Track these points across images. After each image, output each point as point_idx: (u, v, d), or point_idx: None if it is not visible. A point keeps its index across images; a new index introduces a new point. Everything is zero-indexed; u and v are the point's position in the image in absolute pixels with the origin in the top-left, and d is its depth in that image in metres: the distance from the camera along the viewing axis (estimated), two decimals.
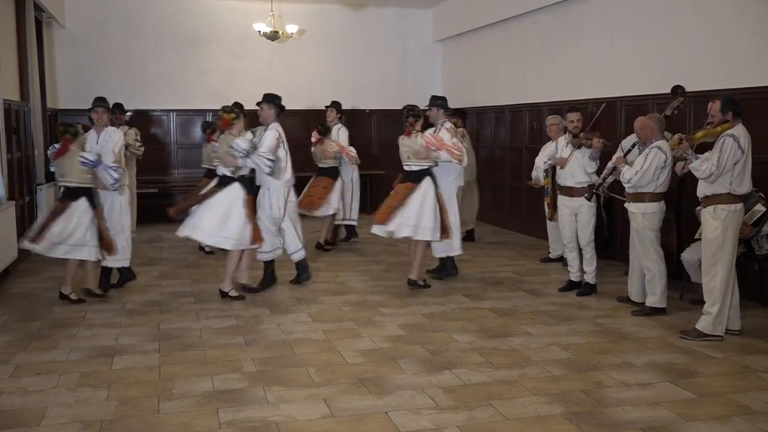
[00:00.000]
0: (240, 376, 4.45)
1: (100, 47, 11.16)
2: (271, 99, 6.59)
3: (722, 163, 4.92)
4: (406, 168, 6.76)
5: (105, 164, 6.08)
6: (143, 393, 4.16)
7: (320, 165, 8.64)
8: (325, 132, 8.63)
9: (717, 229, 5.05)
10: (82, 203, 6.05)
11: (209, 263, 8.02)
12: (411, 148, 6.64)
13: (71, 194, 6.06)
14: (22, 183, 8.30)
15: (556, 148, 6.63)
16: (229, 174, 6.28)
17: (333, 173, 8.59)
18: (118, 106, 8.54)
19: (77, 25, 11.04)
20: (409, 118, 6.68)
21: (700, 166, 5.00)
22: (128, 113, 9.10)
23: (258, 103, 6.62)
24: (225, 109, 6.36)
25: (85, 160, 6.02)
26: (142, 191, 10.03)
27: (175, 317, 5.81)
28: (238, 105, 6.66)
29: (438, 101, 6.96)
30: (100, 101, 6.43)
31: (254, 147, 6.22)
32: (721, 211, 5.05)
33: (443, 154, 6.63)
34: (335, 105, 8.87)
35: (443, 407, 3.96)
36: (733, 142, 4.90)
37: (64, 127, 6.07)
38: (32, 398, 4.07)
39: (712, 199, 5.09)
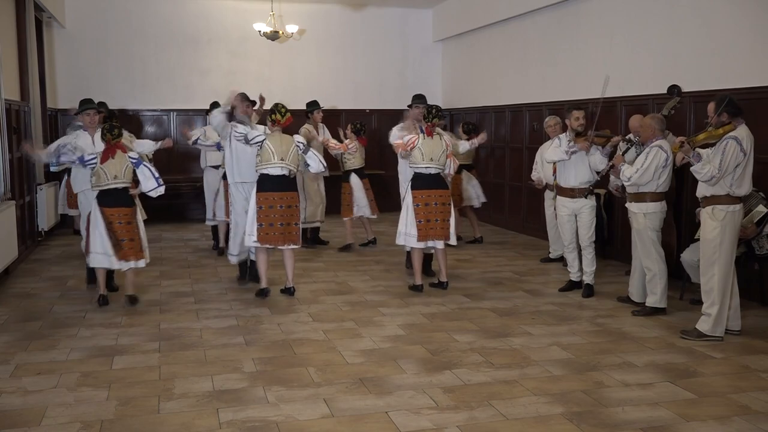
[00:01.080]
0: (240, 376, 4.45)
1: (100, 47, 11.16)
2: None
3: (724, 166, 4.91)
4: (423, 171, 6.44)
5: (145, 163, 6.05)
6: (143, 393, 4.16)
7: (360, 167, 8.64)
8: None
9: (715, 230, 5.05)
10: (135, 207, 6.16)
11: (209, 263, 8.03)
12: (433, 149, 6.43)
13: (120, 195, 5.98)
14: (22, 183, 8.30)
15: (559, 143, 6.48)
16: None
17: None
18: (103, 105, 8.61)
19: (77, 25, 11.05)
20: (435, 119, 6.46)
21: (702, 168, 4.98)
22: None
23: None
24: (283, 107, 6.29)
25: (133, 159, 6.00)
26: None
27: (175, 317, 5.81)
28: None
29: (423, 101, 6.86)
30: (88, 103, 6.38)
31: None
32: (719, 212, 5.04)
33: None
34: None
35: (443, 407, 3.96)
36: (736, 145, 4.89)
37: (119, 131, 5.95)
38: (32, 398, 4.07)
39: (711, 200, 5.08)
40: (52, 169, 7.22)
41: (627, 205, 5.92)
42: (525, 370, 4.57)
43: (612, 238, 7.97)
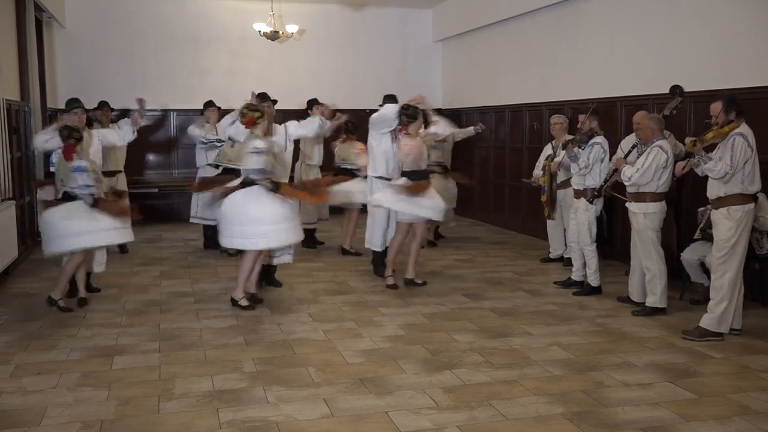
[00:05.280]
0: (240, 376, 4.45)
1: (100, 47, 11.16)
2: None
3: (735, 162, 4.94)
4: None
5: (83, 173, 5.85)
6: (143, 393, 4.16)
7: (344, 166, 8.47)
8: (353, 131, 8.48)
9: (731, 230, 5.05)
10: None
11: (209, 263, 8.02)
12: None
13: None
14: (22, 183, 8.30)
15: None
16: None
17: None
18: (105, 105, 8.67)
19: (77, 25, 11.05)
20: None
21: (715, 166, 5.00)
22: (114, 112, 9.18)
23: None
24: (249, 108, 5.95)
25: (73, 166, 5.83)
26: (143, 191, 10.03)
27: (175, 317, 5.80)
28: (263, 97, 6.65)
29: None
30: (75, 102, 6.21)
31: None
32: (735, 212, 5.05)
33: None
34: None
35: (443, 407, 3.96)
36: (743, 141, 4.93)
37: (68, 132, 5.77)
38: (32, 398, 4.07)
39: (726, 201, 5.09)
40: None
41: (627, 204, 5.93)
42: (525, 370, 4.57)
43: (612, 238, 7.96)
